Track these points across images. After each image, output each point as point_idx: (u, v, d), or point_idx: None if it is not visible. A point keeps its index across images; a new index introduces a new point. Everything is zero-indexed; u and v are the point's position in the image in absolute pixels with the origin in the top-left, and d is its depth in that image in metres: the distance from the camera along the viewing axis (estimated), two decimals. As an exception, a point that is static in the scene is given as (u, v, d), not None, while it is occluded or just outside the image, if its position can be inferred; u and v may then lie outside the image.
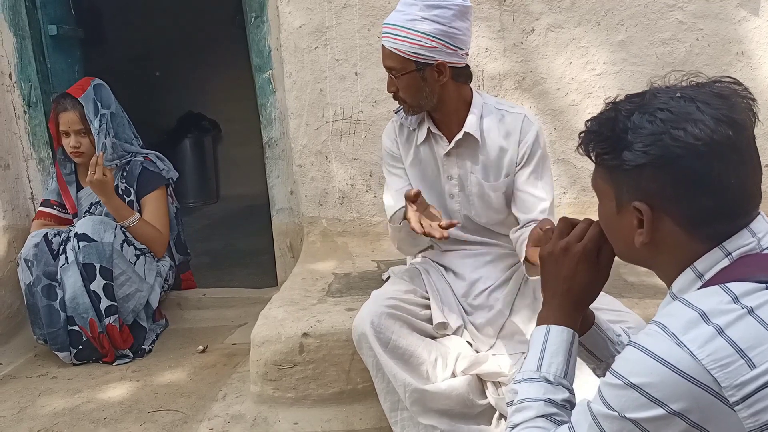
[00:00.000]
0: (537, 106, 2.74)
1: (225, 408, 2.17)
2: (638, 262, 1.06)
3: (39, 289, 2.64)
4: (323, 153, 2.85)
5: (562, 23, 2.67)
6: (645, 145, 0.92)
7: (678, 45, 2.65)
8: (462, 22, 1.75)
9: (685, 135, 0.90)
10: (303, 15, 2.74)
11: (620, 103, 0.99)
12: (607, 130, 0.98)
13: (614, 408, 0.90)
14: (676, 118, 0.91)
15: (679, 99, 0.93)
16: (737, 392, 0.83)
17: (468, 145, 1.90)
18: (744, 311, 0.86)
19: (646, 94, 0.97)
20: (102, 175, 2.65)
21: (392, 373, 1.75)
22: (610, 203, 1.02)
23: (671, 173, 0.92)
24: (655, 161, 0.92)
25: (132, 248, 2.74)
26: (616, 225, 1.02)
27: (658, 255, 0.99)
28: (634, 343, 0.91)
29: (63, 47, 3.26)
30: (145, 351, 2.73)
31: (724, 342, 0.84)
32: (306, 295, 2.33)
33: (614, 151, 0.96)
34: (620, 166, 0.96)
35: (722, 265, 0.94)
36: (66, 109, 2.74)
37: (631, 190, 0.96)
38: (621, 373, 0.90)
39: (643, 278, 2.27)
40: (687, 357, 0.85)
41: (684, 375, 0.85)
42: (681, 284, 0.98)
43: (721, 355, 0.84)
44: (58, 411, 2.30)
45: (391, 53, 1.78)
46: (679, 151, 0.90)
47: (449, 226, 1.67)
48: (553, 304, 1.13)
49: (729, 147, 0.90)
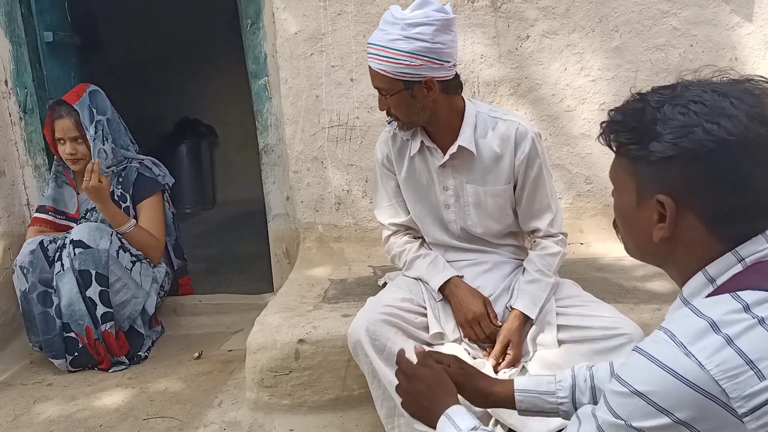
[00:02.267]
0: (532, 112, 2.75)
1: (221, 415, 2.17)
2: (652, 258, 1.04)
3: (34, 296, 2.63)
4: (319, 159, 2.85)
5: (557, 30, 2.68)
6: (675, 137, 0.90)
7: (672, 51, 2.66)
8: (446, 35, 1.73)
9: (718, 129, 0.88)
10: (299, 22, 2.75)
11: (648, 94, 0.97)
12: (633, 120, 0.95)
13: (621, 416, 0.89)
14: (710, 112, 0.89)
15: (712, 93, 0.91)
16: (746, 404, 0.82)
17: (463, 156, 1.90)
18: (755, 321, 0.85)
19: (677, 87, 0.95)
20: (98, 181, 2.65)
21: (388, 379, 1.75)
22: (629, 195, 0.99)
23: (700, 167, 0.90)
24: (685, 154, 0.90)
25: (128, 255, 2.74)
26: (634, 218, 1.00)
27: (675, 252, 0.97)
28: (641, 350, 0.89)
29: (59, 54, 3.26)
30: (140, 358, 2.73)
31: (733, 352, 0.83)
32: (302, 301, 2.33)
33: (641, 141, 0.94)
34: (646, 157, 0.93)
35: (734, 270, 0.92)
36: (61, 116, 2.74)
37: (655, 182, 0.94)
38: (627, 380, 0.88)
39: (638, 284, 2.27)
40: (695, 367, 0.83)
41: (692, 385, 0.83)
42: (692, 288, 0.97)
43: (729, 366, 0.83)
44: (53, 418, 2.29)
45: (378, 74, 1.78)
46: (711, 146, 0.88)
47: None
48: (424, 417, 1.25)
49: (760, 145, 0.89)
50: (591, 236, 2.77)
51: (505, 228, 2.00)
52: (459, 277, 1.93)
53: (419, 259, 1.99)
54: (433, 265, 1.96)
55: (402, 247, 2.04)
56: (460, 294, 1.88)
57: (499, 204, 1.94)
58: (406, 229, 2.08)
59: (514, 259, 2.03)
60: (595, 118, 2.73)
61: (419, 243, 2.06)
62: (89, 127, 2.73)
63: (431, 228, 2.04)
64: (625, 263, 2.49)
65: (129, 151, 2.97)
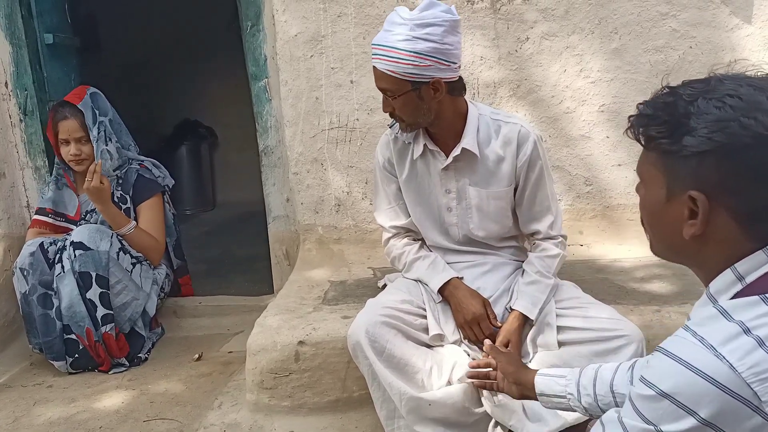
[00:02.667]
0: (532, 114, 2.75)
1: (221, 417, 2.17)
2: (679, 255, 1.02)
3: (35, 298, 2.63)
4: (319, 161, 2.85)
5: (557, 31, 2.68)
6: (710, 131, 0.88)
7: (671, 53, 2.67)
8: (453, 36, 1.74)
9: (756, 124, 0.86)
10: (299, 23, 2.75)
11: (679, 88, 0.95)
12: (665, 114, 0.93)
13: (651, 421, 0.87)
14: (747, 106, 0.87)
15: (748, 87, 0.89)
16: None
17: (466, 159, 1.90)
18: None
19: (711, 80, 0.93)
20: (99, 182, 2.65)
21: (388, 381, 1.75)
22: (659, 191, 0.97)
23: (736, 162, 0.88)
24: (720, 149, 0.88)
25: (128, 257, 2.74)
26: (663, 214, 0.98)
27: (704, 249, 0.95)
28: (667, 351, 0.88)
29: (59, 56, 3.27)
30: (141, 359, 2.73)
31: (765, 354, 0.82)
32: (302, 303, 2.33)
33: (673, 135, 0.92)
34: (679, 152, 0.91)
35: (764, 269, 0.91)
36: (66, 117, 2.74)
37: (687, 178, 0.92)
38: (655, 383, 0.87)
39: (638, 285, 2.27)
40: (726, 369, 0.82)
41: (723, 387, 0.82)
42: (719, 285, 0.95)
43: (762, 368, 0.82)
44: (53, 420, 2.30)
45: (384, 75, 1.76)
46: (747, 140, 0.86)
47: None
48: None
49: None
50: (590, 238, 2.77)
51: (505, 230, 2.00)
52: (458, 279, 1.93)
53: (419, 261, 2.00)
54: (433, 267, 1.96)
55: (402, 249, 2.04)
56: (460, 295, 1.88)
57: (500, 206, 1.94)
58: (406, 232, 2.09)
59: (514, 261, 2.03)
60: (595, 120, 2.74)
61: (419, 245, 2.06)
62: (92, 128, 2.73)
63: (431, 231, 2.04)
64: (624, 265, 2.49)
65: (130, 151, 2.97)
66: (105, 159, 2.75)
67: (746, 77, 0.92)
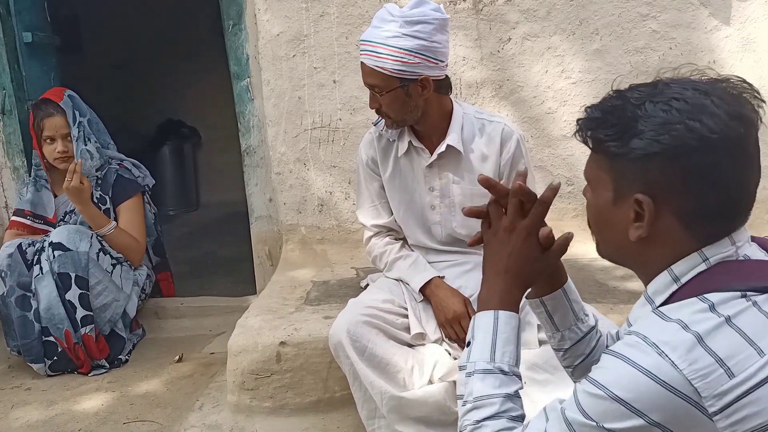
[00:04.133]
0: (514, 114, 2.76)
1: (202, 418, 2.16)
2: (625, 258, 1.03)
3: (13, 299, 2.59)
4: (302, 161, 2.84)
5: (538, 32, 2.70)
6: (657, 133, 0.89)
7: (651, 54, 2.69)
8: (442, 34, 1.76)
9: (701, 126, 0.87)
10: (281, 23, 2.74)
11: (627, 91, 0.95)
12: (613, 117, 0.94)
13: (592, 417, 0.88)
14: (693, 110, 0.89)
15: (694, 91, 0.91)
16: (716, 402, 0.83)
17: (450, 156, 1.91)
18: (722, 320, 0.86)
19: (658, 84, 0.94)
20: (79, 182, 2.62)
21: (369, 381, 1.75)
22: (606, 194, 0.98)
23: (682, 165, 0.89)
24: (666, 151, 0.89)
25: (108, 257, 2.71)
26: (610, 217, 0.99)
27: (649, 251, 0.96)
28: (615, 352, 0.89)
29: (38, 54, 3.23)
30: (121, 361, 2.70)
31: (703, 352, 0.84)
32: (284, 304, 2.32)
33: (621, 138, 0.93)
34: (626, 154, 0.92)
35: (699, 269, 0.93)
36: (51, 114, 2.71)
37: (634, 180, 0.93)
38: (602, 382, 0.88)
39: (618, 284, 2.29)
40: (669, 367, 0.84)
41: (666, 386, 0.84)
42: (656, 286, 0.96)
43: (701, 365, 0.83)
44: (32, 423, 2.27)
45: (373, 71, 1.77)
46: (693, 143, 0.88)
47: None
48: (496, 284, 1.09)
49: (739, 144, 0.89)
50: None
51: None
52: (440, 278, 1.93)
53: (400, 260, 2.00)
54: (414, 266, 1.97)
55: (383, 248, 2.04)
56: (441, 294, 1.88)
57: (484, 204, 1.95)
58: (388, 231, 2.09)
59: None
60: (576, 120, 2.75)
61: (400, 244, 2.06)
62: (73, 128, 2.71)
63: (415, 230, 2.04)
64: (605, 264, 2.48)
65: (109, 149, 2.95)
66: (85, 158, 2.72)
67: (692, 81, 0.93)
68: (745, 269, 0.92)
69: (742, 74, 2.79)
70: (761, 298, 0.88)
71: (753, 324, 0.86)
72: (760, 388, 0.83)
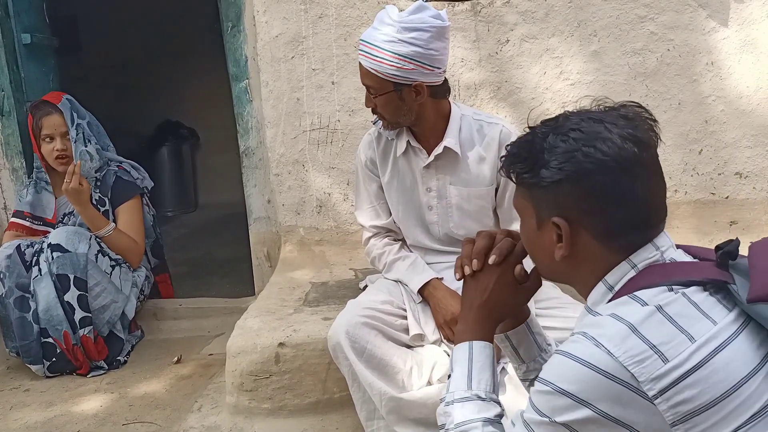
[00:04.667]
0: (512, 116, 2.76)
1: (200, 419, 2.16)
2: (559, 276, 1.11)
3: (11, 301, 2.59)
4: (300, 162, 2.85)
5: (537, 34, 2.70)
6: (560, 162, 0.99)
7: (650, 55, 2.69)
8: (440, 42, 1.75)
9: (594, 151, 0.97)
10: (280, 24, 2.74)
11: (537, 127, 1.06)
12: (525, 151, 1.04)
13: (545, 414, 0.95)
14: (587, 137, 0.98)
15: (589, 120, 1.01)
16: (654, 386, 0.89)
17: (447, 157, 1.92)
18: (653, 308, 0.92)
19: (559, 118, 1.05)
20: (78, 184, 2.62)
21: (368, 382, 1.75)
22: (530, 220, 1.07)
23: (584, 187, 0.98)
24: (570, 177, 0.98)
25: (107, 259, 2.71)
26: (538, 241, 1.07)
27: (577, 268, 1.05)
28: (559, 350, 0.96)
29: (37, 56, 3.23)
30: (120, 362, 2.70)
31: (637, 339, 0.90)
32: (283, 305, 2.32)
33: (532, 170, 1.02)
34: (538, 183, 1.01)
35: (629, 276, 1.00)
36: (50, 113, 2.72)
37: (549, 206, 1.02)
38: (548, 379, 0.94)
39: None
40: (605, 356, 0.90)
41: (604, 374, 0.90)
42: (594, 297, 1.04)
43: (635, 352, 0.89)
44: (30, 425, 2.27)
45: (368, 72, 1.78)
46: (590, 167, 0.97)
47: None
48: (470, 318, 1.17)
49: (635, 162, 0.97)
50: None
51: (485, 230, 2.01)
52: (438, 279, 1.93)
53: (399, 262, 2.00)
54: (413, 267, 1.97)
55: (382, 249, 2.05)
56: (439, 295, 1.89)
57: (481, 205, 1.96)
58: (387, 232, 2.09)
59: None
60: (575, 122, 2.75)
61: (399, 245, 2.06)
62: (71, 129, 2.71)
63: (413, 230, 2.04)
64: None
65: (108, 151, 2.95)
66: (85, 160, 2.73)
67: (588, 111, 1.04)
68: (670, 269, 1.00)
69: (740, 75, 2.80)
70: (690, 290, 0.95)
71: (683, 312, 0.93)
72: (696, 371, 0.89)
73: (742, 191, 2.76)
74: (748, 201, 2.76)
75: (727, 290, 0.96)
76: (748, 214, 2.76)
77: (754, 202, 2.76)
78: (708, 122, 2.72)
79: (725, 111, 2.71)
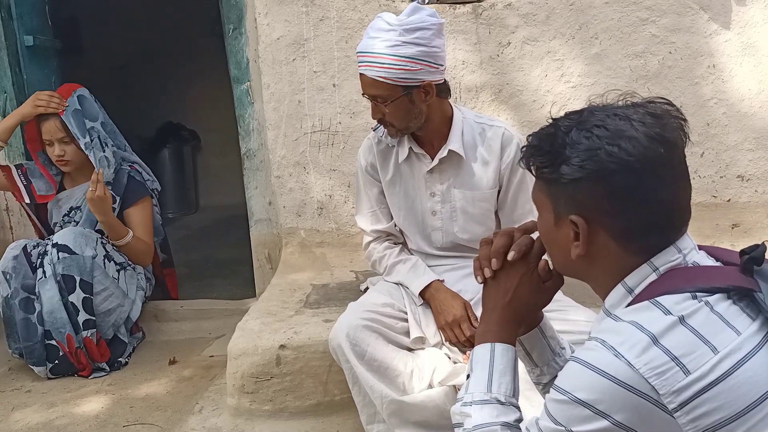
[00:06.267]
0: (514, 118, 2.77)
1: (201, 421, 2.16)
2: (574, 274, 1.09)
3: (17, 302, 2.60)
4: (301, 164, 2.85)
5: (538, 36, 2.71)
6: (581, 159, 0.95)
7: (651, 58, 2.70)
8: (440, 39, 1.78)
9: (619, 151, 0.93)
10: (281, 27, 2.75)
11: (560, 120, 1.02)
12: (546, 144, 1.01)
13: (561, 423, 0.92)
14: (612, 135, 0.94)
15: (614, 117, 0.97)
16: (675, 398, 0.86)
17: (451, 161, 1.92)
18: (675, 319, 0.89)
19: (584, 112, 1.00)
20: (103, 192, 2.60)
21: (369, 384, 1.75)
22: (548, 216, 1.04)
23: (606, 187, 0.95)
24: (591, 175, 0.95)
25: (113, 264, 2.72)
26: (554, 237, 1.05)
27: (593, 267, 1.02)
28: (575, 357, 0.93)
29: (39, 58, 3.24)
30: (121, 364, 2.70)
31: (658, 351, 0.87)
32: (284, 307, 2.33)
33: (553, 165, 0.99)
34: (558, 179, 0.98)
35: (650, 279, 0.97)
36: (47, 119, 2.72)
37: (568, 203, 0.99)
38: (564, 388, 0.92)
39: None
40: (625, 367, 0.87)
41: (624, 385, 0.87)
42: (612, 300, 1.01)
43: (656, 363, 0.86)
44: (31, 426, 2.27)
45: (375, 82, 1.77)
46: (613, 167, 0.93)
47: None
48: (493, 318, 1.14)
49: (661, 164, 0.94)
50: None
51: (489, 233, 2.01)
52: (439, 281, 1.93)
53: (400, 264, 2.00)
54: (414, 270, 1.97)
55: (382, 252, 2.05)
56: (441, 297, 1.89)
57: (485, 208, 1.96)
58: (387, 236, 2.09)
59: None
60: (576, 124, 2.76)
61: (399, 248, 2.07)
62: (82, 138, 2.69)
63: (415, 236, 2.05)
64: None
65: (126, 152, 2.96)
66: (104, 166, 2.72)
67: (614, 107, 1.00)
68: (693, 273, 0.96)
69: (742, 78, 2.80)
70: (713, 299, 0.91)
71: (705, 323, 0.89)
72: (719, 384, 0.86)
73: (743, 194, 2.76)
74: (750, 204, 2.76)
75: (752, 297, 0.92)
76: (750, 217, 2.76)
77: (756, 205, 2.76)
78: (710, 125, 2.72)
79: (727, 114, 2.71)
